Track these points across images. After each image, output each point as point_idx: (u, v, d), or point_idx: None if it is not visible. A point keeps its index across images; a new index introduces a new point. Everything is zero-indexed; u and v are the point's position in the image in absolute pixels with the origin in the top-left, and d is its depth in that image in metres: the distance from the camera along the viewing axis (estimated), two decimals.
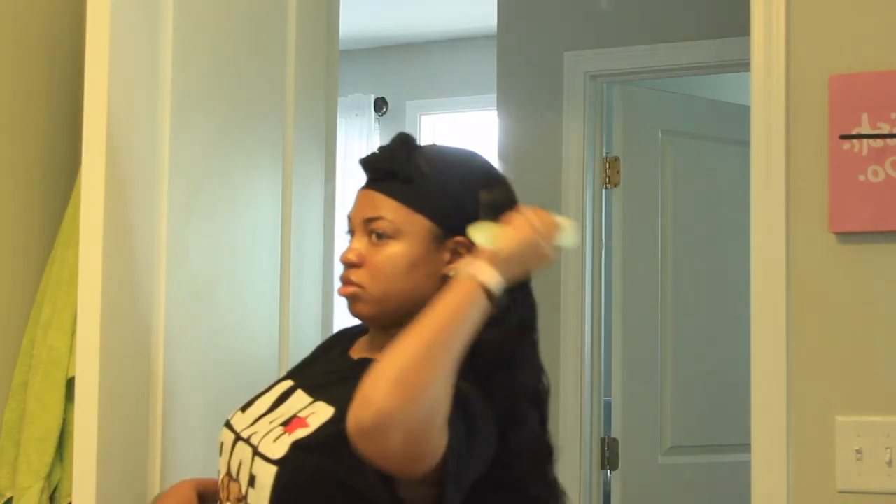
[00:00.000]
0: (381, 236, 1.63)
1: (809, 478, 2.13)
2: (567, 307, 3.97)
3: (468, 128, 6.18)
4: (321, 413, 1.58)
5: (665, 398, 4.08)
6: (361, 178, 1.80)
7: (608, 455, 4.02)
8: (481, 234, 1.58)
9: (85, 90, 2.01)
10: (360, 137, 6.17)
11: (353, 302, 1.66)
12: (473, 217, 1.62)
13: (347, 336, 1.84)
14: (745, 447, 2.24)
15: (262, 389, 1.80)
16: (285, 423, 1.61)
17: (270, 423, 1.65)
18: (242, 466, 1.62)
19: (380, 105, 6.23)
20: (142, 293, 2.07)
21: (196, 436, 2.19)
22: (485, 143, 5.58)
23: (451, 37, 6.10)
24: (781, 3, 2.20)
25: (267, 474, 1.55)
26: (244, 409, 1.74)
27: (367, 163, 1.70)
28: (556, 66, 4.09)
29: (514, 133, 4.21)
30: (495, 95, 4.28)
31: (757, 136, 2.21)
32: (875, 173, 2.12)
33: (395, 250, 1.62)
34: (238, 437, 1.67)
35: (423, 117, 6.27)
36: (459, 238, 1.63)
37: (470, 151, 1.75)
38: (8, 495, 2.12)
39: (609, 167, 4.10)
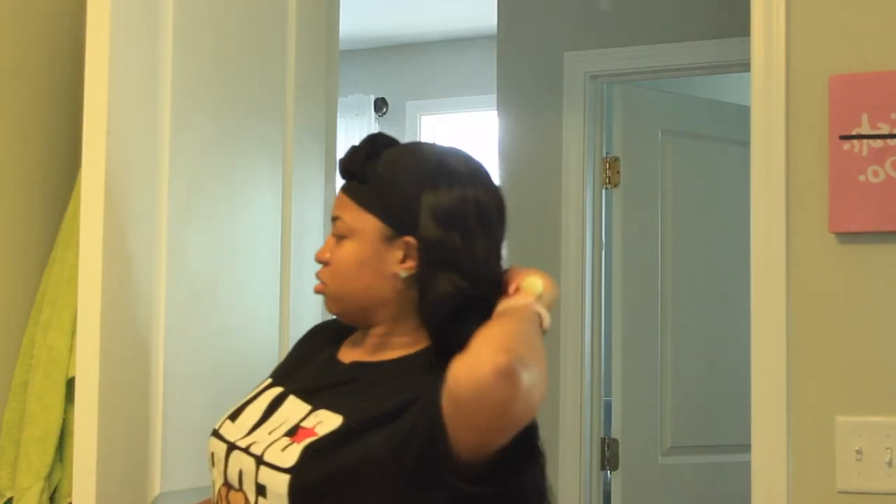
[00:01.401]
0: (340, 237, 1.67)
1: (809, 478, 2.13)
2: (567, 307, 3.97)
3: (468, 128, 6.18)
4: (328, 421, 1.58)
5: (665, 398, 4.08)
6: None
7: (608, 455, 4.02)
8: (534, 281, 1.62)
9: (85, 90, 2.01)
10: (360, 137, 6.15)
11: (325, 300, 1.71)
12: (419, 218, 1.62)
13: (328, 334, 1.83)
14: (745, 447, 2.24)
15: (248, 396, 1.78)
16: (290, 434, 1.59)
17: (270, 433, 1.63)
18: (245, 476, 1.60)
19: (380, 105, 6.23)
20: (142, 293, 2.07)
21: (196, 436, 2.18)
22: (485, 143, 5.58)
23: (451, 37, 6.10)
24: (781, 3, 2.20)
25: (279, 483, 1.54)
26: (233, 417, 1.72)
27: (339, 163, 1.75)
28: (556, 66, 4.09)
29: (514, 133, 4.21)
30: (495, 95, 4.28)
31: (757, 136, 2.21)
32: (875, 173, 2.12)
33: (347, 250, 1.66)
34: (233, 447, 1.65)
35: (423, 117, 6.27)
36: (409, 238, 1.62)
37: (448, 150, 1.73)
38: (8, 495, 2.12)
39: (609, 167, 4.10)
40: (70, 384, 2.09)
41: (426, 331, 1.64)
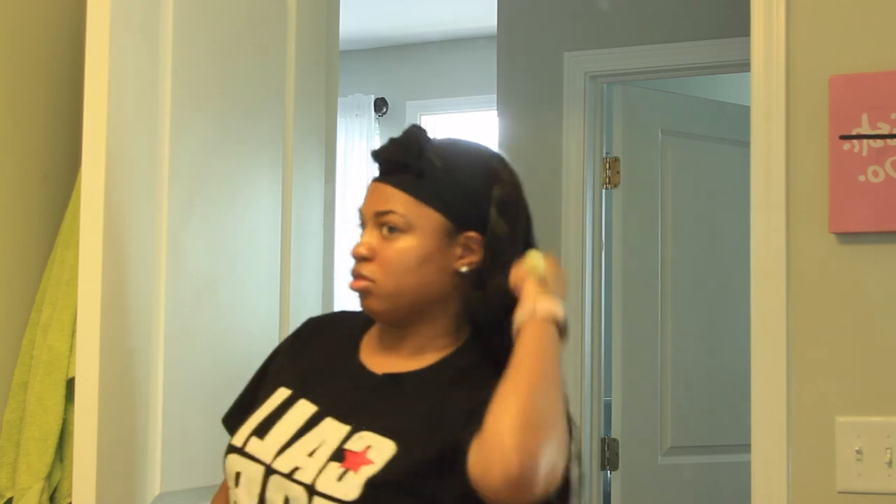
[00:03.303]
0: (392, 230, 1.60)
1: (809, 478, 2.13)
2: (567, 307, 3.95)
3: (468, 128, 6.18)
4: (382, 448, 1.53)
5: (665, 398, 4.08)
6: (370, 171, 1.77)
7: (608, 455, 4.02)
8: (534, 262, 1.59)
9: (85, 91, 2.01)
10: (360, 138, 6.17)
11: (365, 296, 1.62)
12: (485, 212, 1.62)
13: (336, 333, 1.75)
14: (745, 447, 2.24)
15: (267, 407, 1.67)
16: (338, 459, 1.54)
17: (310, 454, 1.56)
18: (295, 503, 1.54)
19: (380, 105, 6.23)
20: (142, 293, 2.07)
21: (196, 436, 2.19)
22: (485, 143, 5.58)
23: (451, 37, 6.10)
24: (781, 3, 2.20)
25: None
26: (259, 434, 1.62)
27: (380, 155, 1.66)
28: (556, 66, 4.09)
29: (514, 133, 4.21)
30: (495, 95, 4.28)
31: (757, 137, 2.21)
32: (875, 173, 2.12)
33: (406, 244, 1.60)
34: (271, 471, 1.57)
35: (423, 117, 6.27)
36: (471, 233, 1.61)
37: (482, 146, 1.74)
38: (8, 495, 2.12)
39: (609, 167, 4.10)
40: (70, 384, 2.09)
41: (474, 328, 1.63)
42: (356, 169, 6.13)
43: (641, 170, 4.13)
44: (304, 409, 1.63)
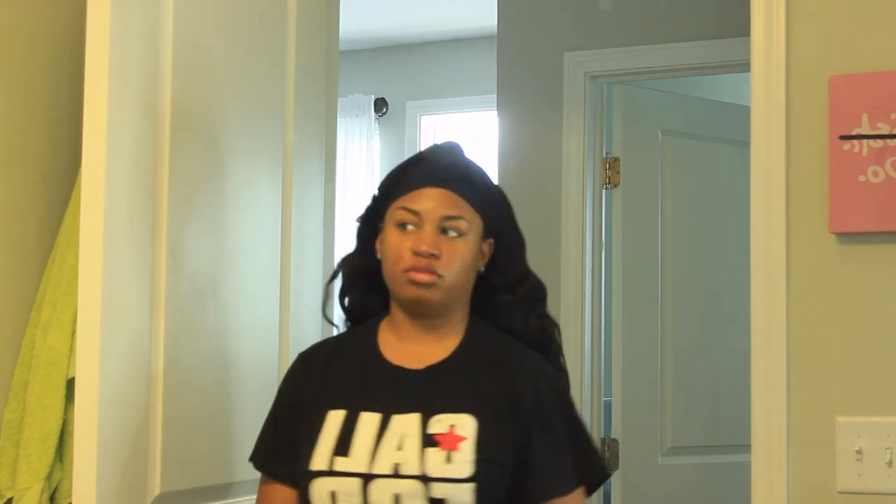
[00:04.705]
0: (460, 234, 1.80)
1: (809, 478, 2.13)
2: (567, 307, 3.96)
3: (468, 128, 6.18)
4: (463, 423, 1.73)
5: (665, 398, 4.08)
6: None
7: (608, 455, 4.01)
8: None
9: (85, 90, 2.01)
10: (360, 138, 6.17)
11: (428, 288, 1.78)
12: (499, 222, 1.87)
13: (332, 355, 1.89)
14: (745, 447, 2.24)
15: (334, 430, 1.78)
16: (430, 445, 1.70)
17: (400, 449, 1.70)
18: (406, 499, 1.67)
19: (380, 105, 6.23)
20: (142, 293, 2.07)
21: (196, 436, 2.19)
22: (485, 143, 5.58)
23: (451, 37, 6.10)
24: (781, 3, 2.20)
25: (462, 492, 1.68)
26: (341, 452, 1.73)
27: (442, 165, 1.85)
28: (556, 67, 4.09)
29: (514, 133, 4.21)
30: (495, 95, 4.28)
31: (757, 137, 2.21)
32: (875, 174, 2.11)
33: (467, 247, 1.81)
34: (369, 477, 1.69)
35: (423, 117, 6.27)
36: (489, 240, 1.87)
37: None
38: (8, 495, 2.12)
39: (609, 167, 4.10)
40: (70, 384, 2.09)
41: (476, 314, 1.87)
42: (356, 169, 6.13)
43: (641, 170, 4.13)
44: (368, 419, 1.75)
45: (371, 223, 1.90)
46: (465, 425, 1.72)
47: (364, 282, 1.92)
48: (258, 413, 2.35)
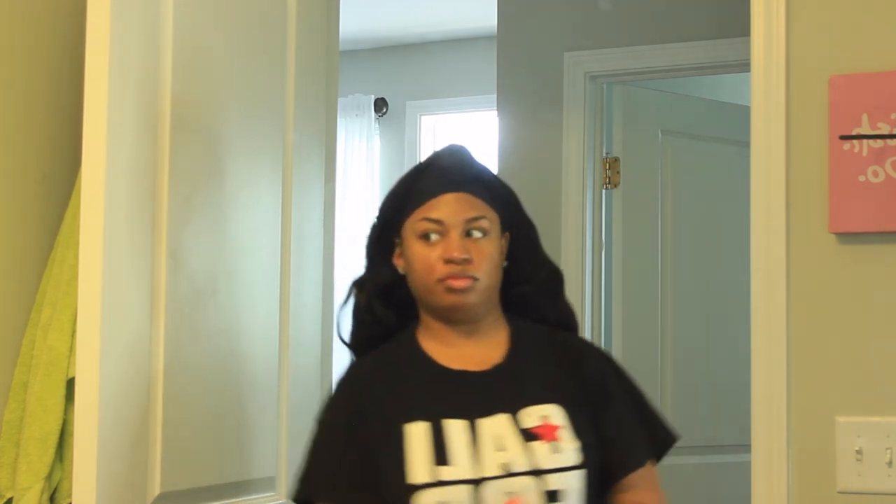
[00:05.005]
0: (484, 233, 1.80)
1: (809, 478, 2.13)
2: None
3: (468, 128, 6.18)
4: (552, 412, 1.75)
5: (665, 398, 4.07)
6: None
7: None
8: None
9: (85, 90, 2.01)
10: (360, 137, 6.17)
11: (467, 293, 1.78)
12: (510, 215, 1.87)
13: (400, 367, 1.83)
14: (745, 447, 2.24)
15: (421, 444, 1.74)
16: (531, 439, 1.71)
17: (502, 450, 1.70)
18: (521, 496, 1.67)
19: (380, 105, 6.22)
20: (142, 293, 2.07)
21: (196, 436, 2.19)
22: (485, 143, 5.58)
23: (451, 37, 6.09)
24: (781, 3, 2.20)
25: (573, 480, 1.70)
26: (444, 462, 1.70)
27: (452, 169, 1.85)
28: (556, 66, 4.09)
29: (514, 133, 4.21)
30: (495, 95, 4.28)
31: (757, 137, 2.21)
32: (875, 174, 2.11)
33: (492, 245, 1.81)
34: (480, 481, 1.69)
35: (423, 117, 6.26)
36: (507, 233, 1.86)
37: None
38: (8, 495, 2.12)
39: (609, 167, 4.10)
40: (70, 384, 2.09)
41: (506, 307, 1.87)
42: (356, 169, 6.13)
43: (641, 170, 4.13)
44: (455, 426, 1.74)
45: (384, 240, 1.87)
46: (554, 415, 1.74)
47: (381, 300, 1.88)
48: (258, 413, 2.35)
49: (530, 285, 1.88)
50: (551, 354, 1.85)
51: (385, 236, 1.87)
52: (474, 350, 1.82)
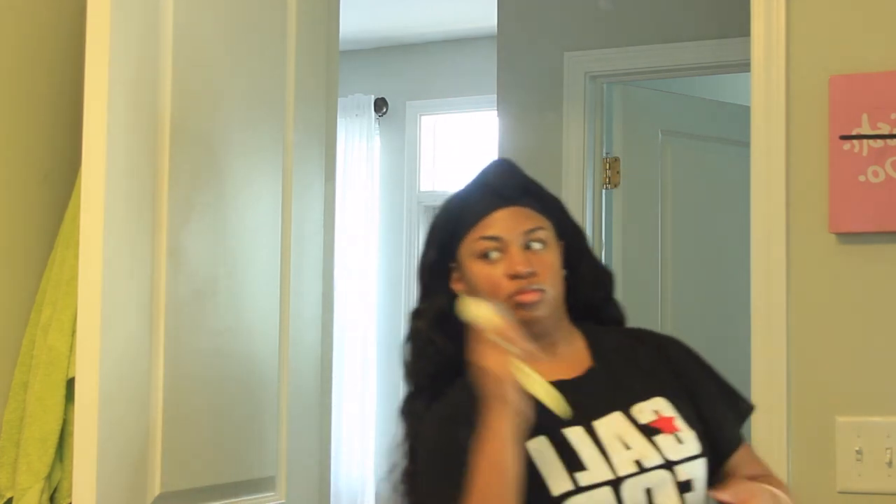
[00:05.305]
0: (543, 244, 1.78)
1: (809, 478, 2.13)
2: None
3: (468, 128, 6.18)
4: (660, 405, 1.74)
5: None
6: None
7: None
8: (474, 312, 1.70)
9: (85, 90, 2.01)
10: (360, 137, 6.17)
11: (537, 307, 1.75)
12: (567, 218, 1.88)
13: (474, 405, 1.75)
14: None
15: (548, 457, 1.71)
16: (653, 433, 1.71)
17: (629, 449, 1.69)
18: (658, 490, 1.66)
19: (380, 105, 6.23)
20: (142, 293, 2.07)
21: (196, 436, 2.19)
22: (485, 143, 5.58)
23: (451, 37, 6.09)
24: (781, 3, 2.20)
25: (700, 468, 1.70)
26: (578, 468, 1.67)
27: (501, 184, 1.83)
28: (556, 67, 4.09)
29: (514, 133, 4.21)
30: (495, 95, 4.28)
31: (757, 137, 2.21)
32: (875, 174, 2.11)
33: (553, 255, 1.79)
34: (618, 481, 1.66)
35: (423, 117, 6.26)
36: (561, 241, 1.83)
37: None
38: (8, 495, 2.12)
39: (609, 167, 4.10)
40: (70, 384, 2.09)
41: (573, 313, 1.85)
42: (356, 169, 6.13)
43: (641, 170, 4.13)
44: (575, 433, 1.71)
45: (439, 267, 1.82)
46: (664, 407, 1.74)
47: (440, 329, 1.81)
48: (258, 413, 2.35)
49: (591, 291, 1.88)
50: (634, 350, 1.84)
51: (440, 262, 1.82)
52: (559, 361, 1.79)
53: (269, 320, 2.40)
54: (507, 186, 1.83)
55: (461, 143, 6.19)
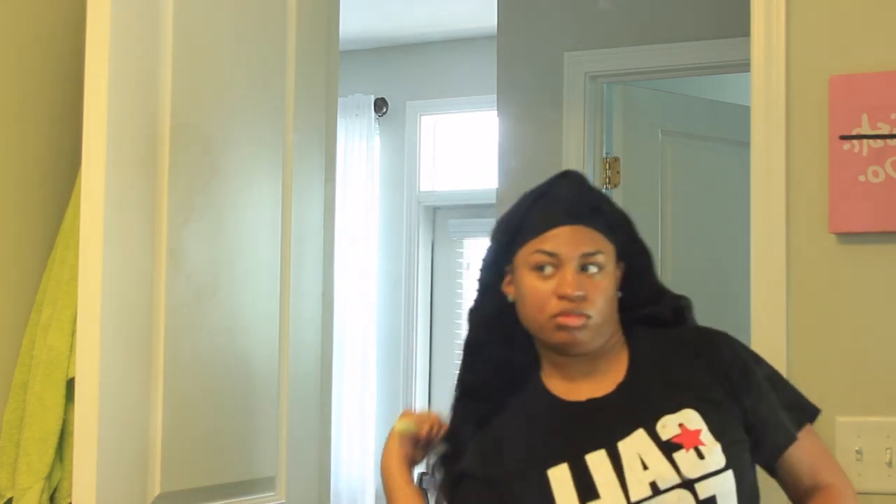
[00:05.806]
0: (600, 268, 1.74)
1: None
2: None
3: (468, 128, 6.18)
4: (689, 417, 1.69)
5: None
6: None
7: None
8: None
9: (85, 90, 2.01)
10: (360, 138, 6.17)
11: (580, 330, 1.72)
12: (634, 241, 1.82)
13: (523, 412, 1.79)
14: None
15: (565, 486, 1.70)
16: (674, 449, 1.66)
17: (647, 469, 1.66)
18: None
19: (380, 105, 6.22)
20: (142, 293, 2.07)
21: (196, 436, 2.19)
22: (485, 143, 5.58)
23: (451, 37, 6.09)
24: (781, 3, 2.20)
25: (725, 483, 1.65)
26: (591, 498, 1.66)
27: (569, 199, 1.78)
28: (556, 67, 4.09)
29: (514, 133, 4.21)
30: (495, 95, 4.28)
31: (757, 137, 2.21)
32: (875, 174, 2.11)
33: (608, 281, 1.75)
34: None
35: (423, 117, 6.26)
36: (622, 263, 1.79)
37: None
38: (8, 495, 2.12)
39: (609, 167, 4.10)
40: (70, 384, 2.09)
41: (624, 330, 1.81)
42: (356, 169, 6.13)
43: (641, 170, 4.13)
44: (595, 458, 1.69)
45: (496, 267, 1.81)
46: (692, 419, 1.69)
47: (491, 329, 1.83)
48: (258, 413, 2.35)
49: (650, 307, 1.85)
50: (677, 355, 1.79)
51: (497, 264, 1.81)
52: (597, 377, 1.77)
53: (269, 320, 2.40)
54: (574, 203, 1.78)
55: (461, 143, 6.19)
